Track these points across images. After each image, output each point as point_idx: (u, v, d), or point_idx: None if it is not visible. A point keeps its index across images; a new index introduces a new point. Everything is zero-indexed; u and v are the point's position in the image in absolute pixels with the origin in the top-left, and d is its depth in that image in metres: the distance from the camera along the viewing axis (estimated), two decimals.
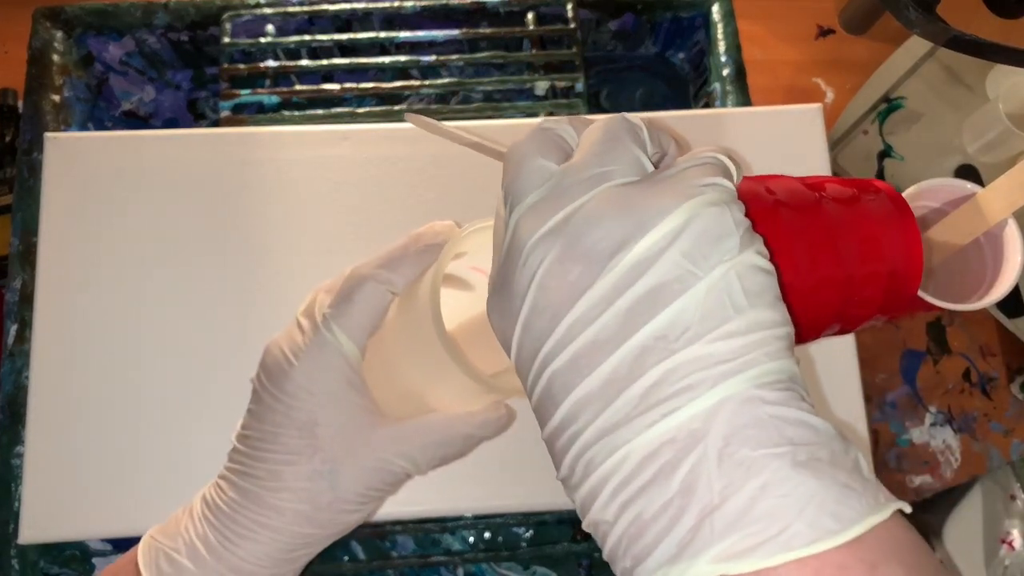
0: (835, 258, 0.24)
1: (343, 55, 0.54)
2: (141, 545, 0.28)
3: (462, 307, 0.33)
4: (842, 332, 0.27)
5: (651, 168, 0.21)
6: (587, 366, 0.19)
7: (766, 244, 0.20)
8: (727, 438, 0.17)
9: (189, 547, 0.27)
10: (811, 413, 0.18)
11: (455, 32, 0.53)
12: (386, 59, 0.52)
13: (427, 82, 0.52)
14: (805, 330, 0.25)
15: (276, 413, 0.27)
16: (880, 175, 0.59)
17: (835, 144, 0.61)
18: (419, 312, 0.27)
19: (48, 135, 0.43)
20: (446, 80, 0.54)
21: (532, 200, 0.20)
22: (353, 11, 0.53)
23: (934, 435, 0.59)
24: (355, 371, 0.28)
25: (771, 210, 0.24)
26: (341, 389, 0.27)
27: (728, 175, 0.21)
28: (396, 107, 0.51)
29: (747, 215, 0.21)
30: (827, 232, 0.24)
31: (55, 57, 0.52)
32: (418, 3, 0.53)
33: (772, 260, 0.20)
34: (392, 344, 0.29)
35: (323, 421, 0.27)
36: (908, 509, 0.18)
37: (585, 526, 0.20)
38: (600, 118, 0.22)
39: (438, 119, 0.49)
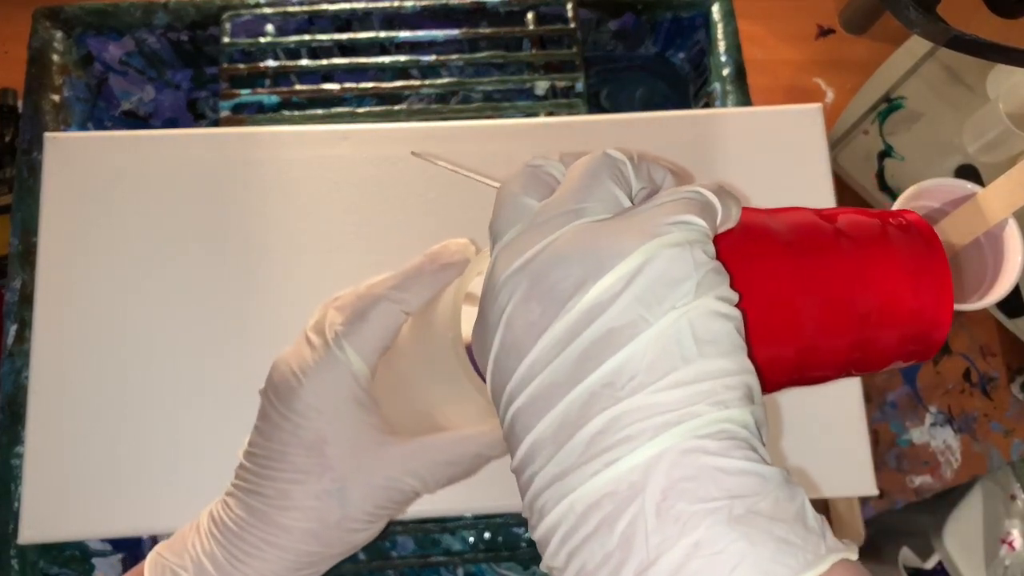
0: (847, 305, 0.22)
1: (343, 55, 0.54)
2: (147, 562, 0.28)
3: (469, 323, 0.33)
4: (858, 374, 0.25)
5: (628, 205, 0.21)
6: (543, 408, 0.19)
7: (735, 287, 0.20)
8: (665, 491, 0.17)
9: (196, 564, 0.27)
10: (756, 461, 0.18)
11: (455, 32, 0.53)
12: (386, 59, 0.52)
13: (427, 82, 0.52)
14: (808, 372, 0.23)
15: (284, 431, 0.27)
16: (880, 175, 0.59)
17: (835, 144, 0.61)
18: (437, 332, 0.26)
19: (48, 135, 0.43)
20: (446, 80, 0.54)
21: (509, 237, 0.21)
22: (353, 11, 0.53)
23: (934, 435, 0.59)
24: (365, 390, 0.28)
25: (773, 247, 0.22)
26: (350, 408, 0.27)
27: (707, 212, 0.20)
28: (396, 107, 0.51)
29: (742, 252, 0.20)
30: (840, 273, 0.22)
31: (55, 57, 0.52)
32: (418, 3, 0.53)
33: (751, 306, 0.20)
34: (404, 362, 0.29)
35: (332, 440, 0.26)
36: (854, 556, 0.18)
37: (543, 567, 0.20)
38: (586, 155, 0.22)
39: (438, 119, 0.49)
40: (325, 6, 0.53)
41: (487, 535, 0.50)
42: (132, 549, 0.49)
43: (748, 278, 0.21)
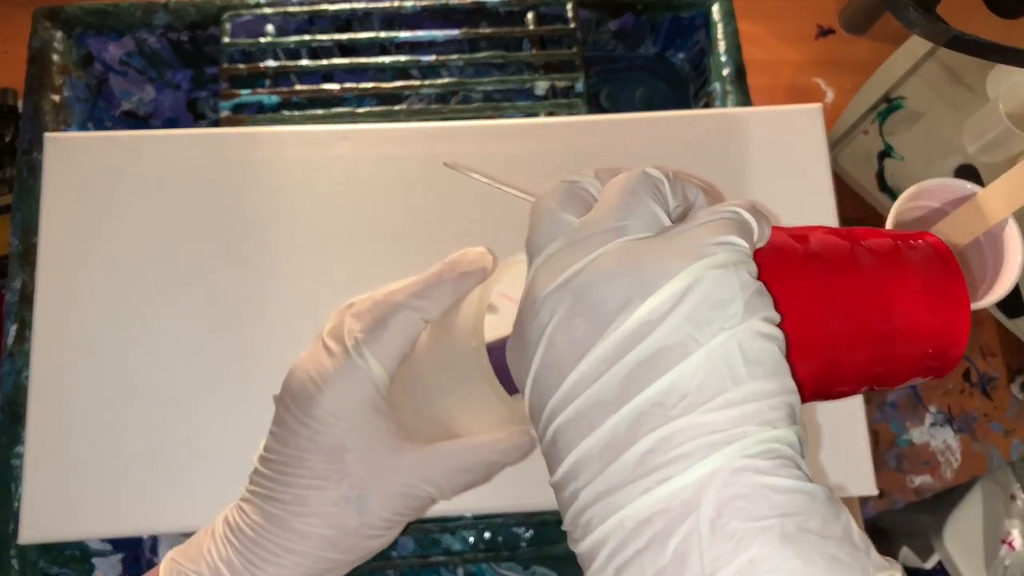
0: (871, 323, 0.23)
1: (343, 55, 0.54)
2: (162, 568, 0.28)
3: (491, 331, 0.33)
4: (878, 389, 0.26)
5: (668, 223, 0.21)
6: (588, 426, 0.19)
7: (777, 307, 0.20)
8: (718, 509, 0.17)
9: (213, 570, 0.27)
10: (803, 479, 0.18)
11: (455, 32, 0.53)
12: (386, 59, 0.52)
13: (427, 82, 0.52)
14: (830, 388, 0.24)
15: (302, 438, 0.27)
16: (880, 175, 0.59)
17: (835, 144, 0.61)
18: (456, 341, 0.26)
19: (48, 135, 0.43)
20: (446, 80, 0.54)
21: (549, 252, 0.21)
22: (353, 11, 0.53)
23: (934, 435, 0.59)
24: (383, 397, 0.28)
25: (800, 266, 0.22)
26: (369, 415, 0.27)
27: (745, 232, 0.21)
28: (396, 107, 0.51)
29: (771, 271, 0.20)
30: (863, 292, 0.23)
31: (55, 57, 0.52)
32: (418, 3, 0.53)
33: (782, 325, 0.20)
34: (422, 369, 0.29)
35: (351, 447, 0.27)
36: (898, 573, 0.18)
37: None
38: (622, 172, 0.22)
39: (438, 119, 0.49)
40: (325, 6, 0.53)
41: (487, 535, 0.50)
42: (132, 549, 0.49)
43: (779, 297, 0.21)
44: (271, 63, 0.52)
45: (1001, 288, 0.47)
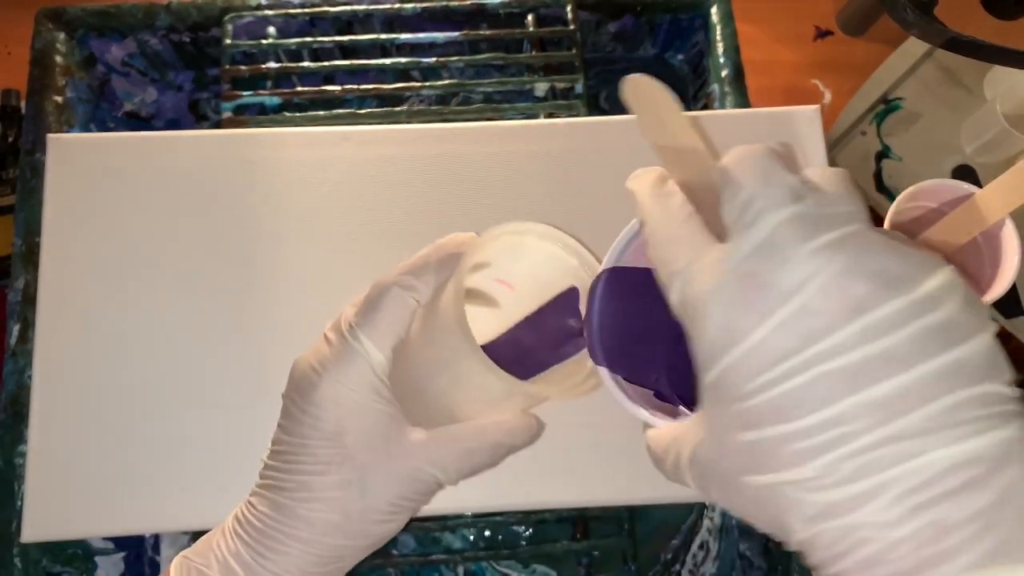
0: None
1: (344, 56, 0.54)
2: (172, 565, 0.28)
3: (491, 326, 0.33)
4: None
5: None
6: (872, 377, 0.19)
7: None
8: None
9: (221, 564, 0.27)
10: None
11: (455, 34, 0.53)
12: (387, 60, 0.52)
13: (427, 83, 0.52)
14: None
15: (304, 425, 0.27)
16: (878, 176, 0.59)
17: (833, 145, 0.61)
18: (443, 318, 0.27)
19: (50, 136, 0.43)
20: (446, 81, 0.54)
21: (795, 211, 0.21)
22: (354, 13, 0.54)
23: None
24: (382, 380, 0.28)
25: None
26: (369, 398, 0.27)
27: None
28: (397, 108, 0.51)
29: None
30: None
31: (57, 58, 0.52)
32: (418, 5, 0.54)
33: None
34: (417, 355, 0.29)
35: (351, 430, 0.27)
36: None
37: (832, 528, 0.20)
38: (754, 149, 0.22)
39: (438, 120, 0.49)
40: (326, 8, 0.53)
41: (487, 533, 0.50)
42: (135, 548, 0.49)
43: None
44: (273, 64, 0.52)
45: (998, 288, 0.48)
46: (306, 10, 0.53)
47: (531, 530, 0.51)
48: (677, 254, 0.22)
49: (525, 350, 0.32)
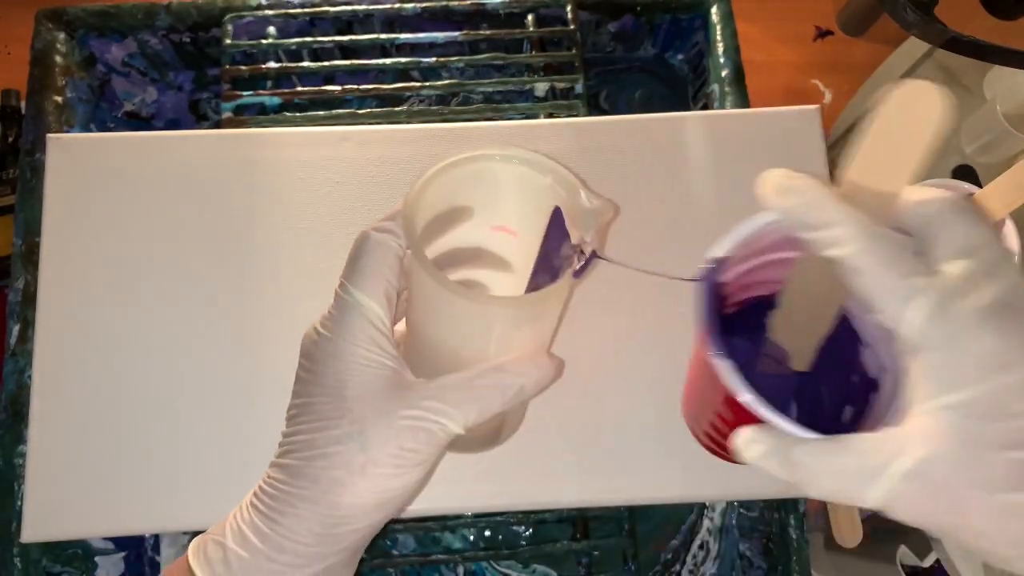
0: None
1: (344, 56, 0.54)
2: (192, 542, 0.28)
3: (517, 287, 0.32)
4: None
5: None
6: None
7: None
8: None
9: (235, 532, 0.27)
10: None
11: (455, 34, 0.53)
12: (387, 60, 0.52)
13: (427, 83, 0.52)
14: None
15: (308, 384, 0.27)
16: None
17: (833, 145, 0.61)
18: (411, 261, 0.26)
19: (50, 136, 0.43)
20: (446, 81, 0.54)
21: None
22: (354, 13, 0.54)
23: None
24: (380, 330, 0.27)
25: None
26: (367, 350, 0.27)
27: None
28: (397, 108, 0.51)
29: None
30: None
31: (57, 58, 0.52)
32: (418, 5, 0.54)
33: None
34: (416, 318, 0.29)
35: (351, 383, 0.26)
36: None
37: None
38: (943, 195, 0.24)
39: (438, 120, 0.49)
40: (326, 8, 0.53)
41: (487, 533, 0.50)
42: (135, 548, 0.49)
43: None
44: (273, 64, 0.52)
45: None
46: (306, 10, 0.53)
47: (531, 530, 0.51)
48: (911, 282, 0.23)
49: (542, 280, 0.31)
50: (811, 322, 0.29)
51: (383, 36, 0.53)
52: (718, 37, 0.54)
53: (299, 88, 0.54)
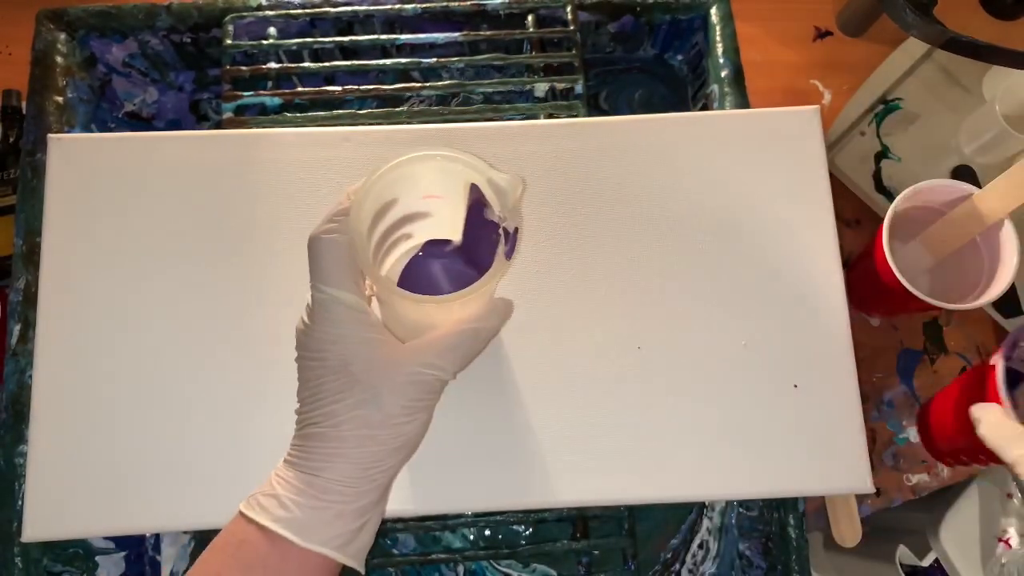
0: None
1: (345, 57, 0.54)
2: (241, 504, 0.32)
3: (451, 230, 0.37)
4: None
5: None
6: None
7: None
8: None
9: (284, 485, 0.31)
10: None
11: (455, 34, 0.53)
12: (387, 61, 0.52)
13: (428, 84, 0.52)
14: None
15: (313, 370, 0.31)
16: (877, 176, 0.59)
17: (832, 145, 0.61)
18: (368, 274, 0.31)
19: (51, 136, 0.43)
20: (447, 82, 0.54)
21: None
22: (354, 13, 0.54)
23: None
24: (361, 311, 0.31)
25: None
26: (356, 330, 0.31)
27: None
28: (397, 108, 0.51)
29: None
30: None
31: (58, 59, 0.52)
32: (419, 5, 0.54)
33: None
34: (383, 307, 0.35)
35: (352, 359, 0.31)
36: None
37: None
38: None
39: (439, 120, 0.49)
40: (327, 9, 0.54)
41: (487, 533, 0.50)
42: (135, 547, 0.50)
43: None
44: (273, 65, 0.52)
45: (997, 287, 0.48)
46: (307, 11, 0.53)
47: (531, 530, 0.51)
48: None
49: (478, 251, 0.36)
50: None
51: (383, 37, 0.53)
52: (718, 38, 0.54)
53: (300, 88, 0.54)
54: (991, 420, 0.38)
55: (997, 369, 0.44)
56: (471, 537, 0.51)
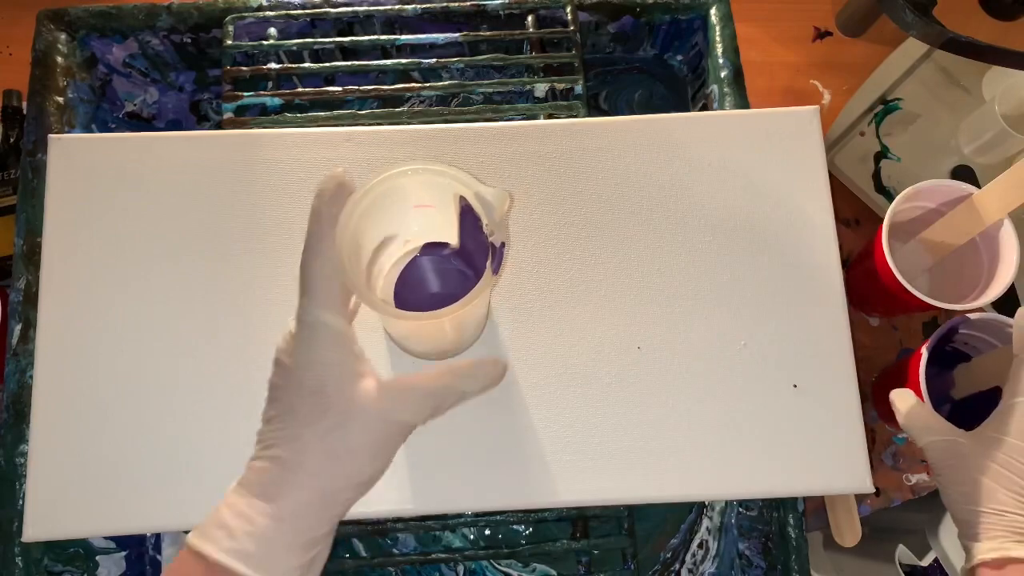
0: None
1: (345, 57, 0.55)
2: (186, 538, 0.30)
3: (446, 232, 0.37)
4: None
5: None
6: None
7: None
8: None
9: (234, 514, 0.29)
10: None
11: (455, 35, 0.53)
12: (387, 61, 0.52)
13: (428, 84, 0.52)
14: None
15: (287, 391, 0.30)
16: (876, 176, 0.60)
17: (832, 146, 0.61)
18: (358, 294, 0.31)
19: (52, 136, 0.44)
20: (447, 82, 0.54)
21: None
22: (355, 14, 0.54)
23: None
24: (342, 334, 0.30)
25: None
26: (336, 356, 0.30)
27: None
28: (397, 109, 0.51)
29: None
30: None
31: (59, 59, 0.52)
32: (419, 6, 0.54)
33: None
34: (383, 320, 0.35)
35: (329, 383, 0.30)
36: None
37: None
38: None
39: (439, 121, 0.49)
40: (327, 9, 0.54)
41: (487, 532, 0.50)
42: (136, 547, 0.50)
43: None
44: (273, 65, 0.52)
45: (997, 287, 0.48)
46: (307, 11, 0.53)
47: (531, 529, 0.51)
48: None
49: (475, 252, 0.36)
50: (977, 383, 0.48)
51: (384, 37, 0.53)
52: (717, 38, 0.54)
53: (300, 89, 0.54)
54: (907, 408, 0.41)
55: (922, 359, 0.47)
56: (471, 537, 0.51)
